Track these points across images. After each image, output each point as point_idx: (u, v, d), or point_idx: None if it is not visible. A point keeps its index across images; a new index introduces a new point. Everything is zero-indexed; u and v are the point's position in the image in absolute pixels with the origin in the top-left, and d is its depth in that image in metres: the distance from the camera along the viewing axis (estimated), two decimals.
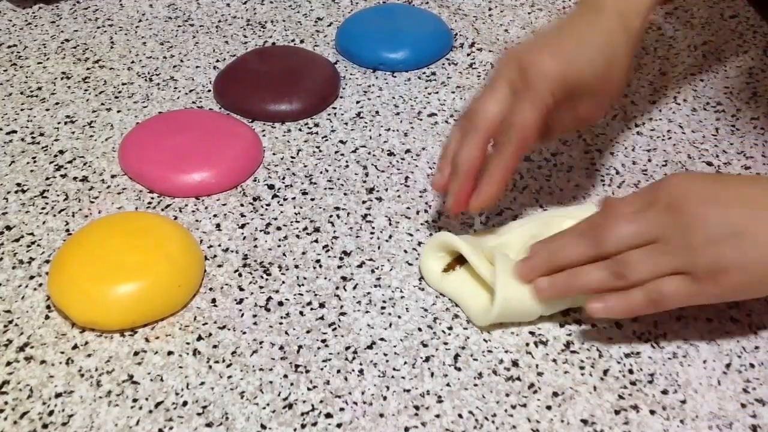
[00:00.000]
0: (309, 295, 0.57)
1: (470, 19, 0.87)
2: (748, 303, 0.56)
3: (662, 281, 0.48)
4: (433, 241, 0.58)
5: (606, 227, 0.51)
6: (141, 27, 0.85)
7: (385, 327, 0.55)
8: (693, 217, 0.48)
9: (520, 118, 0.53)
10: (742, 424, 0.49)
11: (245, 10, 0.88)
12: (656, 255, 0.49)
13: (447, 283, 0.57)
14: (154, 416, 0.50)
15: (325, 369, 0.52)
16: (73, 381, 0.51)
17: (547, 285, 0.52)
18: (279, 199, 0.65)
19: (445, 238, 0.57)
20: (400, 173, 0.67)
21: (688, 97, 0.76)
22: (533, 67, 0.54)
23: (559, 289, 0.52)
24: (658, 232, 0.49)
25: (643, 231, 0.49)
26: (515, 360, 0.53)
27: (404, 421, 0.49)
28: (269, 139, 0.71)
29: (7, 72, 0.78)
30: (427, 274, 0.58)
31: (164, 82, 0.77)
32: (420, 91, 0.77)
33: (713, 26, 0.86)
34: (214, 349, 0.53)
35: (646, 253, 0.49)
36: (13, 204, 0.64)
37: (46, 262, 0.59)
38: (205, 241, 0.61)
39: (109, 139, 0.70)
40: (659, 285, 0.48)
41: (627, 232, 0.50)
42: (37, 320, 0.55)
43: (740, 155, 0.69)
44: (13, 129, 0.71)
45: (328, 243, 0.61)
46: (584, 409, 0.50)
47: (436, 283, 0.57)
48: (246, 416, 0.50)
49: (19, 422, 0.49)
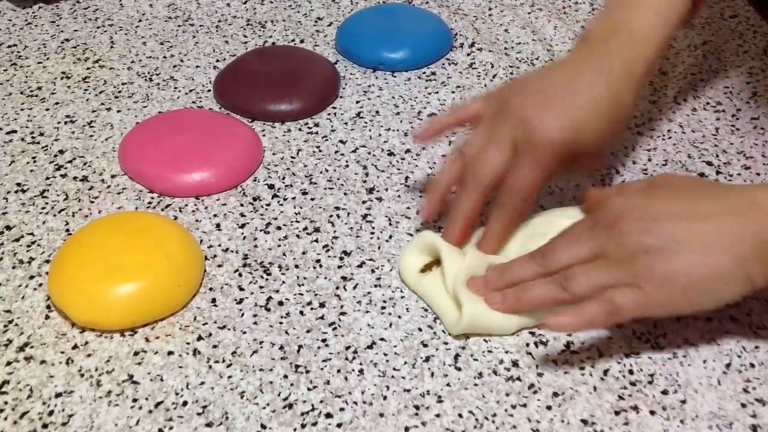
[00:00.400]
0: (309, 295, 0.57)
1: (470, 19, 0.87)
2: (748, 303, 0.56)
3: (614, 291, 0.49)
4: (417, 240, 0.58)
5: (552, 249, 0.53)
6: (141, 27, 0.85)
7: (385, 327, 0.55)
8: (628, 230, 0.50)
9: (523, 181, 0.55)
10: (742, 424, 0.49)
11: (245, 9, 0.88)
12: (597, 268, 0.51)
13: (422, 284, 0.57)
14: (154, 416, 0.50)
15: (325, 369, 0.52)
16: (73, 381, 0.51)
17: (499, 298, 0.54)
18: (279, 199, 0.65)
19: (430, 239, 0.57)
20: (401, 173, 0.67)
21: (688, 97, 0.76)
22: (538, 131, 0.54)
23: (509, 302, 0.53)
24: (598, 249, 0.51)
25: (584, 249, 0.52)
26: (515, 360, 0.53)
27: (404, 420, 0.49)
28: (269, 139, 0.71)
29: (7, 72, 0.78)
30: (405, 271, 0.58)
31: (164, 81, 0.77)
32: (420, 91, 0.77)
33: (713, 26, 0.86)
34: (214, 349, 0.53)
35: (588, 267, 0.51)
36: (13, 204, 0.64)
37: (46, 261, 0.59)
38: (205, 241, 0.61)
39: (109, 139, 0.70)
40: (612, 295, 0.49)
41: (570, 251, 0.52)
42: (37, 320, 0.55)
43: (740, 155, 0.69)
44: (13, 129, 0.71)
45: (328, 243, 0.61)
46: (584, 409, 0.50)
47: (412, 281, 0.57)
48: (246, 416, 0.50)
49: (19, 422, 0.49)
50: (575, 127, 0.54)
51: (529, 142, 0.54)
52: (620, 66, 0.57)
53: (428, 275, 0.57)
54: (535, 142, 0.54)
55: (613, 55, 0.57)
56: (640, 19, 0.58)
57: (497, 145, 0.55)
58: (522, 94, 0.56)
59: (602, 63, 0.57)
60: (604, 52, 0.57)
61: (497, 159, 0.55)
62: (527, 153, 0.54)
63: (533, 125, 0.54)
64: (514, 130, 0.55)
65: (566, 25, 0.86)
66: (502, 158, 0.55)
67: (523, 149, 0.54)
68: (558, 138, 0.54)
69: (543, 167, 0.54)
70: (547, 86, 0.57)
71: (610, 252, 0.50)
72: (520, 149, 0.55)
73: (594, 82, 0.56)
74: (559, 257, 0.52)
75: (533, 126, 0.54)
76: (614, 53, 0.57)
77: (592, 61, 0.57)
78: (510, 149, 0.55)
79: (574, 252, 0.52)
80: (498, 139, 0.55)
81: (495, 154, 0.55)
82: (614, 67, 0.56)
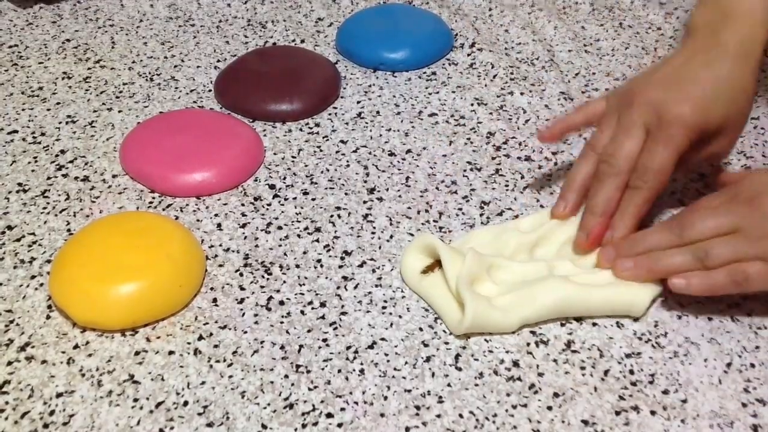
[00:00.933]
0: (310, 295, 0.57)
1: (470, 19, 0.87)
2: (748, 303, 0.56)
3: (746, 263, 0.51)
4: (416, 242, 0.58)
5: (689, 220, 0.54)
6: (142, 27, 0.85)
7: (386, 327, 0.55)
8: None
9: (657, 163, 0.55)
10: (743, 424, 0.49)
11: (246, 10, 0.88)
12: (736, 243, 0.51)
13: (424, 285, 0.57)
14: (155, 416, 0.50)
15: (326, 369, 0.52)
16: (74, 381, 0.51)
17: (632, 264, 0.54)
18: (280, 199, 0.65)
19: (428, 241, 0.57)
20: (401, 173, 0.67)
21: None
22: (671, 112, 0.55)
23: (641, 269, 0.54)
24: (739, 223, 0.52)
25: (723, 222, 0.52)
26: (516, 360, 0.53)
27: (405, 420, 0.49)
28: (270, 139, 0.71)
29: (8, 72, 0.78)
30: (406, 272, 0.58)
31: (165, 82, 0.77)
32: (420, 91, 0.77)
33: None
34: (215, 349, 0.53)
35: (727, 240, 0.52)
36: (14, 204, 0.64)
37: (47, 261, 0.59)
38: (206, 240, 0.61)
39: (110, 139, 0.71)
40: (743, 266, 0.51)
41: (709, 223, 0.53)
42: (38, 320, 0.55)
43: (740, 155, 0.69)
44: (14, 129, 0.71)
45: (329, 243, 0.61)
46: (585, 409, 0.50)
47: (413, 282, 0.57)
48: (247, 416, 0.50)
49: (20, 422, 0.49)
50: (705, 107, 0.55)
51: (661, 124, 0.55)
52: (735, 49, 0.57)
53: (429, 276, 0.57)
54: (669, 122, 0.55)
55: (726, 39, 0.57)
56: (743, 3, 0.59)
57: (628, 132, 0.56)
58: (646, 84, 0.57)
59: (718, 48, 0.57)
60: (717, 39, 0.58)
61: (631, 145, 0.56)
62: (661, 133, 0.55)
63: (665, 108, 0.55)
64: (644, 116, 0.56)
65: (566, 25, 0.86)
66: (636, 143, 0.56)
67: (655, 132, 0.55)
68: (689, 116, 0.55)
69: (676, 146, 0.55)
70: (670, 75, 0.57)
71: (750, 227, 0.51)
72: (653, 133, 0.55)
73: (713, 66, 0.57)
74: (698, 228, 0.53)
75: (665, 108, 0.55)
76: (727, 38, 0.58)
77: (708, 48, 0.58)
78: (642, 134, 0.56)
79: (714, 224, 0.52)
80: (629, 127, 0.56)
81: (629, 141, 0.56)
82: (729, 51, 0.57)
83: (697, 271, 0.52)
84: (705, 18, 0.60)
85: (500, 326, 0.54)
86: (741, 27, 0.58)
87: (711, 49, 0.58)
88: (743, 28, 0.58)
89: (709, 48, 0.58)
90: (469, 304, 0.52)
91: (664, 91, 0.56)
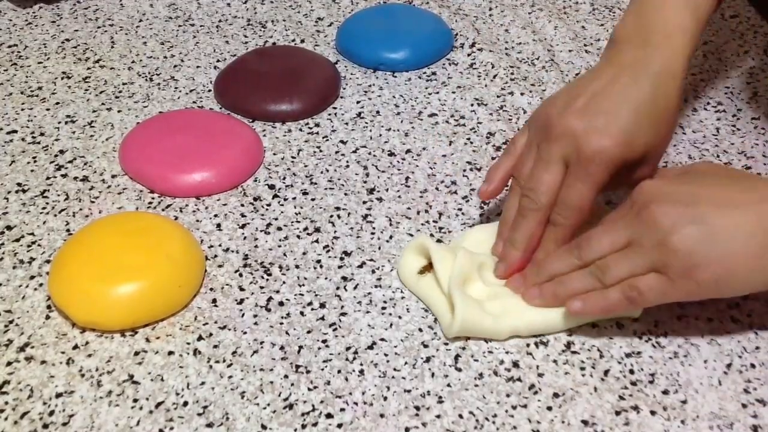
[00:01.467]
0: (309, 296, 0.57)
1: (470, 19, 0.87)
2: (748, 303, 0.56)
3: (638, 279, 0.50)
4: (413, 242, 0.58)
5: (586, 240, 0.53)
6: (141, 27, 0.85)
7: (385, 327, 0.55)
8: (661, 216, 0.49)
9: (576, 200, 0.54)
10: (743, 424, 0.49)
11: (245, 9, 0.88)
12: (631, 256, 0.50)
13: (421, 285, 0.57)
14: (155, 416, 0.50)
15: (325, 369, 0.52)
16: (74, 381, 0.51)
17: (537, 293, 0.54)
18: (279, 199, 0.65)
19: (422, 241, 0.57)
20: (401, 173, 0.67)
21: (689, 97, 0.76)
22: (590, 149, 0.52)
23: (546, 296, 0.54)
24: (631, 236, 0.51)
25: (617, 237, 0.52)
26: (516, 361, 0.53)
27: (405, 421, 0.49)
28: (270, 139, 0.71)
29: (7, 72, 0.78)
30: (403, 272, 0.58)
31: (165, 81, 0.77)
32: (420, 91, 0.77)
33: (713, 26, 0.86)
34: (214, 349, 0.53)
35: (621, 255, 0.51)
36: (13, 204, 0.64)
37: (46, 262, 0.59)
38: (206, 241, 0.61)
39: (109, 139, 0.70)
40: (635, 282, 0.50)
41: (604, 240, 0.52)
42: (38, 320, 0.55)
43: (741, 155, 0.69)
44: (13, 129, 0.71)
45: (328, 243, 0.61)
46: (585, 409, 0.50)
47: (411, 283, 0.57)
48: (246, 416, 0.50)
49: (19, 422, 0.49)
50: (627, 140, 0.53)
51: (580, 160, 0.53)
52: (660, 66, 0.55)
53: (426, 277, 0.57)
54: (588, 158, 0.52)
55: (651, 55, 0.55)
56: (670, 15, 0.56)
57: (547, 166, 0.54)
58: (565, 110, 0.54)
59: (642, 66, 0.55)
60: (641, 55, 0.55)
61: (550, 179, 0.54)
62: (580, 170, 0.53)
63: (584, 141, 0.52)
64: (563, 149, 0.54)
65: (566, 25, 0.86)
66: (554, 178, 0.54)
67: (575, 167, 0.53)
68: (610, 151, 0.52)
69: (595, 182, 0.53)
70: (589, 98, 0.54)
71: (641, 237, 0.50)
72: (572, 167, 0.53)
73: (637, 86, 0.54)
74: (594, 248, 0.52)
75: (584, 142, 0.52)
76: (652, 54, 0.55)
77: (631, 65, 0.55)
78: (561, 168, 0.54)
79: (608, 241, 0.52)
80: (547, 160, 0.54)
81: (547, 176, 0.54)
82: (654, 68, 0.55)
83: (594, 291, 0.51)
84: (629, 31, 0.57)
85: (491, 332, 0.54)
86: (667, 42, 0.55)
87: (635, 67, 0.55)
88: (669, 43, 0.55)
89: (633, 66, 0.55)
90: (459, 308, 0.52)
91: (583, 121, 0.53)
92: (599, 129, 0.53)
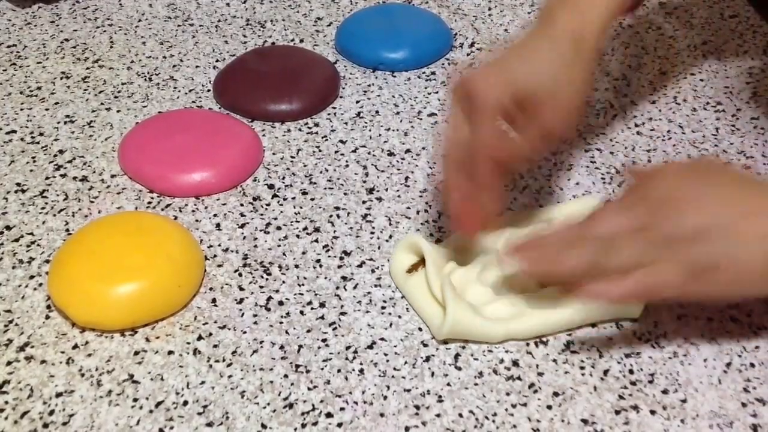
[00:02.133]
0: (309, 295, 0.57)
1: (470, 18, 0.87)
2: (748, 303, 0.56)
3: (657, 270, 0.48)
4: (405, 240, 0.58)
5: (595, 218, 0.51)
6: (140, 27, 0.85)
7: (385, 327, 0.55)
8: (684, 209, 0.48)
9: (476, 142, 0.53)
10: (742, 424, 0.49)
11: (245, 9, 0.88)
12: (645, 241, 0.48)
13: (408, 284, 0.56)
14: (155, 416, 0.49)
15: (325, 369, 0.52)
16: (74, 381, 0.51)
17: (530, 260, 0.50)
18: (279, 199, 0.65)
19: (414, 239, 0.57)
20: (400, 173, 0.67)
21: (688, 97, 0.76)
22: (475, 90, 0.53)
23: (543, 262, 0.50)
24: (649, 220, 0.48)
25: (629, 220, 0.49)
26: (516, 360, 0.53)
27: (405, 420, 0.49)
28: (269, 139, 0.71)
29: (6, 72, 0.78)
30: (393, 269, 0.58)
31: (164, 81, 0.77)
32: (420, 91, 0.77)
33: (713, 26, 0.86)
34: (214, 349, 0.53)
35: (634, 236, 0.48)
36: (12, 204, 0.64)
37: (46, 261, 0.59)
38: (205, 240, 0.61)
39: (108, 139, 0.70)
40: (654, 274, 0.48)
41: (614, 220, 0.50)
42: (38, 320, 0.55)
43: (740, 155, 0.69)
44: (12, 129, 0.71)
45: (328, 243, 0.61)
46: (584, 409, 0.50)
47: (400, 281, 0.57)
48: (246, 416, 0.50)
49: (19, 422, 0.49)
50: (512, 77, 0.54)
51: (472, 106, 0.53)
52: (565, 35, 0.55)
53: (414, 276, 0.57)
54: (476, 101, 0.53)
55: (559, 28, 0.56)
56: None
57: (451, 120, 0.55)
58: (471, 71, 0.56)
59: (547, 35, 0.56)
60: (550, 29, 0.56)
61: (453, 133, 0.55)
62: (474, 115, 0.53)
63: (471, 87, 0.54)
64: (460, 101, 0.55)
65: None
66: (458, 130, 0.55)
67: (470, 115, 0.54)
68: (493, 88, 0.53)
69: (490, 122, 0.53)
70: (498, 59, 0.56)
71: (659, 228, 0.48)
72: (470, 116, 0.54)
73: (535, 47, 0.56)
74: (603, 225, 0.50)
75: (471, 88, 0.54)
76: (560, 27, 0.56)
77: (537, 36, 0.57)
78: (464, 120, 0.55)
79: (618, 222, 0.49)
80: (451, 116, 0.55)
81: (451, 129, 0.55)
82: (559, 37, 0.55)
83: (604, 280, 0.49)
84: (549, 2, 0.58)
85: (483, 334, 0.53)
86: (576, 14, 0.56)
87: (542, 35, 0.56)
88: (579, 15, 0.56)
89: (541, 35, 0.56)
90: (451, 308, 0.52)
91: (479, 68, 0.55)
92: (485, 72, 0.54)
